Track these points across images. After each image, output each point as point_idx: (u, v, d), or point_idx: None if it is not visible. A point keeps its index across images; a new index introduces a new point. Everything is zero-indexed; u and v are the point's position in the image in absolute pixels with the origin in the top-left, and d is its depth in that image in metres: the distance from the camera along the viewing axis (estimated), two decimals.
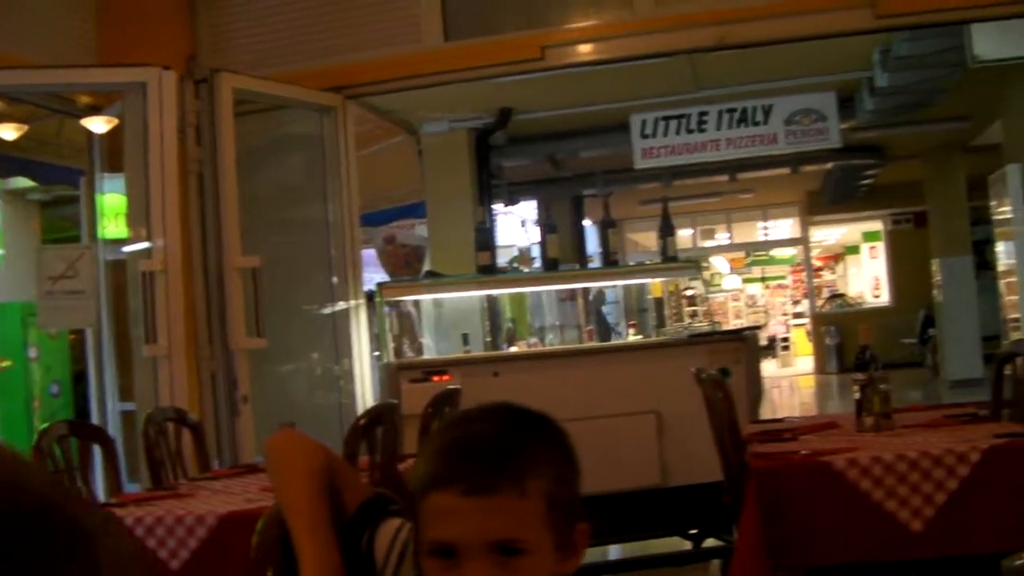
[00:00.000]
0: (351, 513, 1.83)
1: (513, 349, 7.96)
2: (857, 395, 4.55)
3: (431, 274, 7.91)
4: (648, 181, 14.59)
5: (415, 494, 1.56)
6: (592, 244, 15.18)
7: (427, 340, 8.63)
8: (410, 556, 1.71)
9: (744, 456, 4.12)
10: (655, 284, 18.15)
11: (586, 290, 7.83)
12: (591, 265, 9.33)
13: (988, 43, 8.36)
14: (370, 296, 7.18)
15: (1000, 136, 12.67)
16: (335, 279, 7.14)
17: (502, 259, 10.92)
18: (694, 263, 7.78)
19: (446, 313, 8.53)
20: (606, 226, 7.19)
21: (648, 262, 12.44)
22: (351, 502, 1.83)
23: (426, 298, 8.01)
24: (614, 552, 7.18)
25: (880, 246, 23.67)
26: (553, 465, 1.57)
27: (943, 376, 17.39)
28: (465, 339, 7.43)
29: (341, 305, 7.11)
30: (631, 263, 16.37)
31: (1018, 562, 1.53)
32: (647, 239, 21.45)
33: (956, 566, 3.64)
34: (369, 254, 9.41)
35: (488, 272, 7.07)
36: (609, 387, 6.43)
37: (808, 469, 3.88)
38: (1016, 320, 11.46)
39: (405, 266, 9.08)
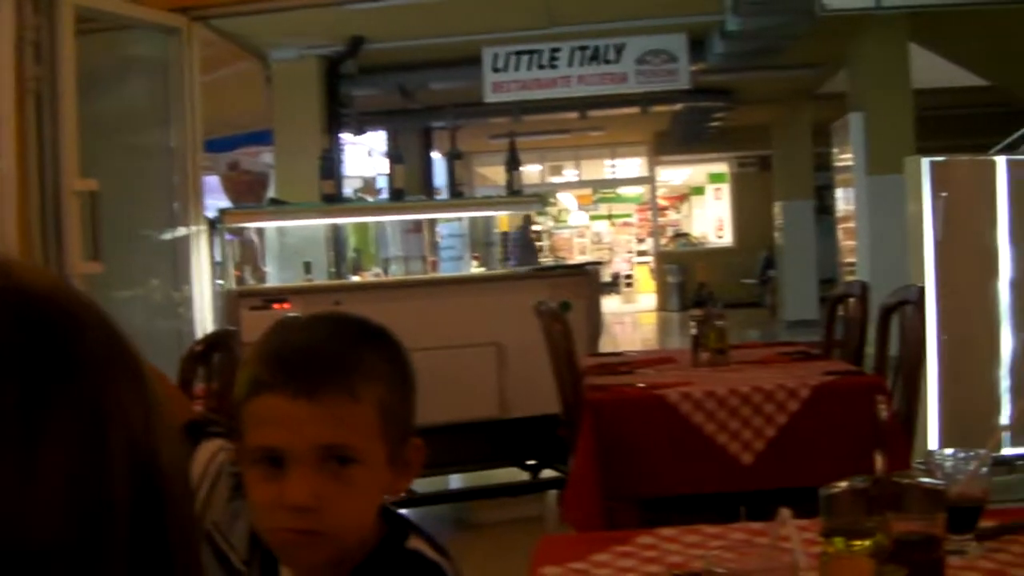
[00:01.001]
0: None
1: (356, 278, 7.91)
2: (694, 331, 4.62)
3: (275, 201, 7.81)
4: (498, 115, 14.57)
5: (238, 403, 1.49)
6: (441, 177, 15.14)
7: (270, 268, 8.53)
8: (226, 476, 1.65)
9: (581, 388, 4.16)
10: (502, 218, 18.19)
11: (432, 222, 7.78)
12: (438, 197, 9.29)
13: None
14: (212, 223, 7.05)
15: (845, 85, 12.92)
16: (176, 205, 7.00)
17: (349, 189, 10.83)
18: (540, 198, 7.80)
19: (290, 242, 8.44)
20: (453, 158, 7.16)
21: (495, 196, 12.43)
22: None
23: (269, 226, 7.90)
24: (453, 482, 7.23)
25: (725, 188, 24.03)
26: (386, 374, 1.52)
27: (781, 316, 17.81)
28: (307, 267, 7.36)
29: (182, 231, 6.97)
30: (479, 196, 16.36)
31: (834, 490, 1.58)
32: (496, 174, 21.40)
33: (782, 497, 3.73)
34: (213, 181, 9.26)
35: (333, 201, 7.00)
36: (451, 318, 6.43)
37: (642, 402, 3.94)
38: (851, 264, 11.74)
39: (248, 193, 8.96)
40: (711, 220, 24.94)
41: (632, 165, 24.47)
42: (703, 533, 2.21)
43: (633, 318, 22.26)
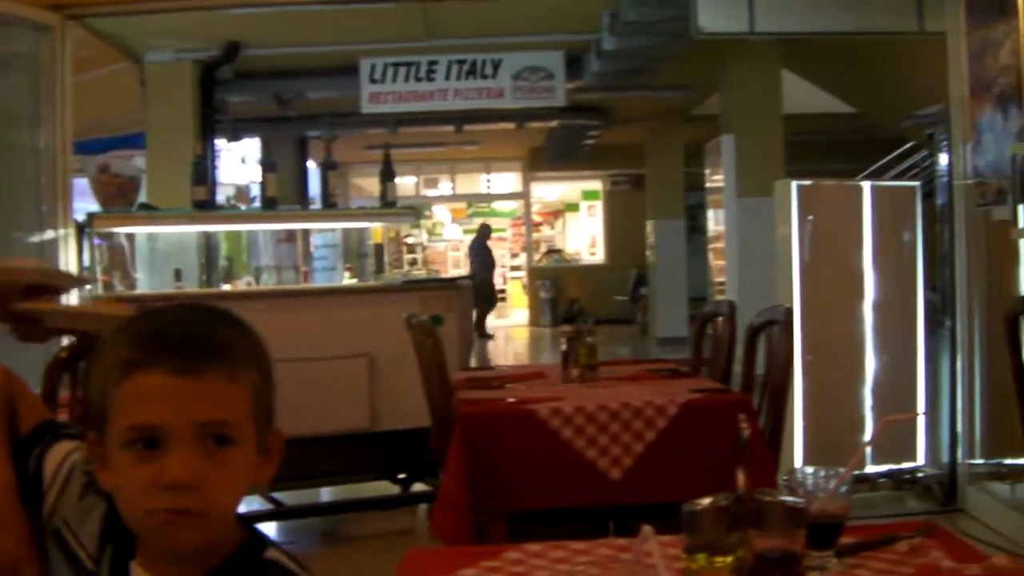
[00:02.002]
0: (24, 434, 1.73)
1: (227, 287, 7.82)
2: (564, 347, 4.65)
3: (145, 207, 7.68)
4: (374, 126, 14.54)
5: (104, 387, 1.47)
6: (315, 186, 15.06)
7: (140, 275, 8.40)
8: (78, 475, 1.63)
9: (452, 402, 4.16)
10: (376, 229, 18.12)
11: (306, 232, 7.73)
12: (312, 207, 9.23)
13: (712, 16, 8.60)
14: (81, 226, 6.92)
15: (718, 108, 13.11)
16: (44, 207, 6.86)
17: (221, 196, 10.71)
18: (413, 210, 7.78)
19: (161, 248, 8.32)
20: (327, 168, 7.12)
21: (369, 207, 12.39)
22: (27, 424, 1.73)
23: (140, 231, 7.77)
24: (323, 494, 7.18)
25: (599, 205, 24.23)
26: (257, 359, 1.53)
27: (651, 333, 18.00)
28: (178, 275, 7.26)
29: (50, 234, 6.84)
30: (353, 207, 16.28)
31: (697, 507, 1.61)
32: (371, 185, 21.36)
33: (650, 513, 3.77)
34: (83, 183, 9.08)
35: (205, 208, 6.91)
36: (322, 329, 6.39)
37: (513, 416, 3.95)
38: (721, 283, 11.92)
39: (119, 197, 8.77)
40: (584, 237, 25.12)
41: (507, 180, 24.56)
42: (570, 548, 2.22)
43: (506, 332, 22.32)
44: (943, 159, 7.06)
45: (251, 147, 15.18)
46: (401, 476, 6.80)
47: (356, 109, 11.81)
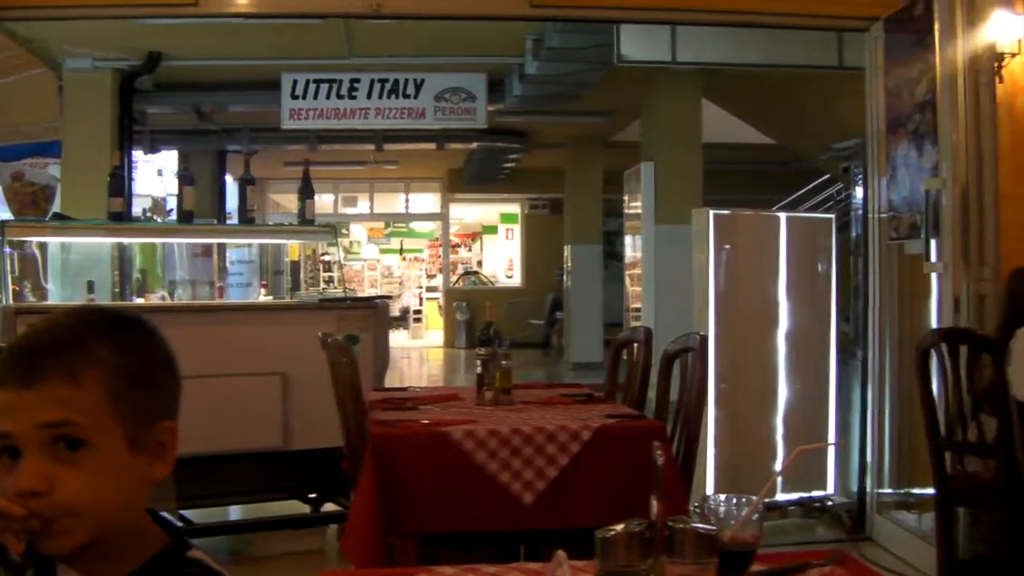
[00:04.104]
0: None
1: (140, 301, 7.72)
2: (479, 369, 4.63)
3: (59, 216, 7.57)
4: (295, 143, 14.48)
5: None
6: (233, 201, 14.95)
7: (51, 285, 8.28)
8: None
9: (365, 423, 4.14)
10: (293, 246, 18.03)
11: (222, 247, 7.66)
12: (228, 222, 9.16)
13: (634, 45, 8.68)
14: None
15: (638, 135, 13.21)
16: None
17: (137, 208, 10.59)
18: (331, 228, 7.74)
19: (74, 259, 8.21)
20: (245, 183, 7.05)
21: (287, 224, 12.32)
22: None
23: (52, 241, 7.66)
24: (233, 513, 7.09)
25: (517, 228, 24.29)
26: (116, 359, 1.53)
27: (567, 358, 18.04)
28: (90, 287, 7.16)
29: None
30: (270, 223, 16.19)
31: (609, 533, 1.61)
32: (290, 201, 21.26)
33: (561, 538, 3.76)
34: None
35: (120, 219, 6.81)
36: (236, 346, 6.32)
37: (426, 438, 3.93)
38: (638, 310, 11.98)
39: (32, 205, 8.68)
40: (502, 259, 25.16)
41: (426, 200, 24.56)
42: (481, 572, 2.21)
43: (421, 354, 22.27)
44: (859, 192, 7.17)
45: (169, 159, 15.03)
46: (312, 496, 6.75)
47: (276, 124, 11.76)
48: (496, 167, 19.06)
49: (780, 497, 6.98)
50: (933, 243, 5.94)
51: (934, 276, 6.02)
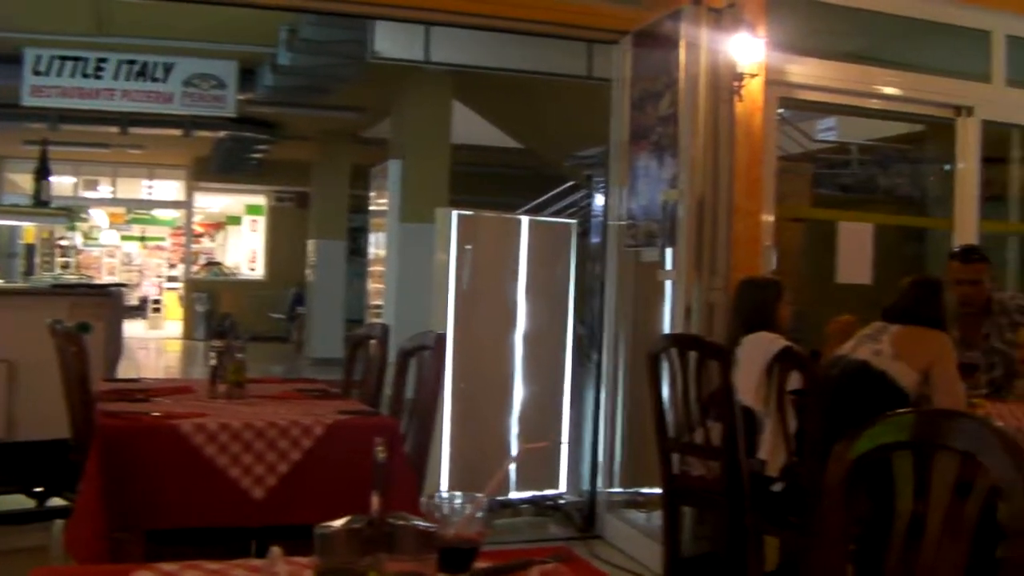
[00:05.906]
0: None
1: None
2: (213, 362, 4.57)
3: None
4: (35, 120, 13.96)
5: None
6: None
7: None
8: None
9: (93, 414, 4.03)
10: (28, 229, 17.42)
11: None
12: None
13: (389, 42, 8.68)
14: None
15: (387, 132, 13.23)
16: None
17: None
18: (68, 211, 7.53)
19: None
20: None
21: (22, 205, 11.90)
22: None
23: None
24: None
25: (261, 220, 24.00)
26: None
27: (306, 353, 17.94)
28: None
29: None
30: (4, 203, 15.59)
31: (328, 529, 1.62)
32: (27, 181, 20.50)
33: (293, 534, 3.75)
34: None
35: None
36: None
37: (155, 431, 3.85)
38: (379, 307, 12.00)
39: None
40: (245, 251, 24.80)
41: (170, 188, 24.02)
42: (204, 569, 2.18)
43: (158, 344, 21.75)
44: (599, 200, 7.34)
45: None
46: (38, 489, 6.53)
47: (16, 100, 11.34)
48: (243, 157, 18.79)
49: (513, 495, 7.11)
50: (669, 252, 6.14)
51: (668, 283, 6.22)
